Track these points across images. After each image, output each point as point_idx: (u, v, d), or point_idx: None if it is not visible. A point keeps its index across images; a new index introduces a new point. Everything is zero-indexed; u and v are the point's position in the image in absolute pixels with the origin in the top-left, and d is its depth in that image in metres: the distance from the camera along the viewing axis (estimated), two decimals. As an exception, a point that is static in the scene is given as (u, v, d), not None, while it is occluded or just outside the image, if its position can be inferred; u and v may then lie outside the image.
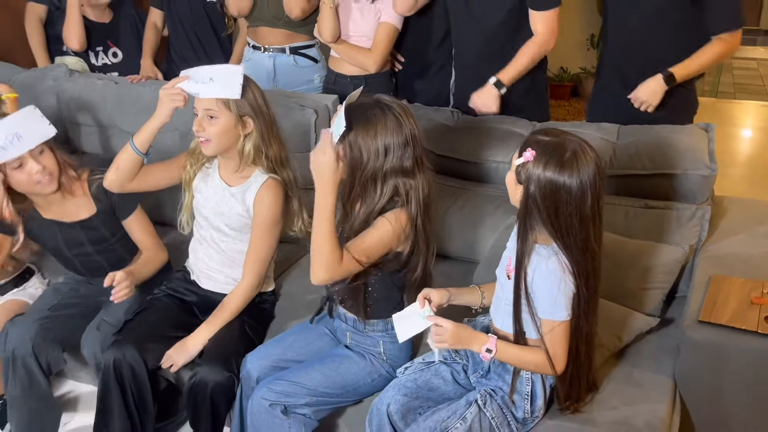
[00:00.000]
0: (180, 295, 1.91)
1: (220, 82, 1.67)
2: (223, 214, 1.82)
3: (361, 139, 1.46)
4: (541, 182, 1.32)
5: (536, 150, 1.33)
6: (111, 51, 2.88)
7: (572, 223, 1.34)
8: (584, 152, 1.33)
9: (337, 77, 2.59)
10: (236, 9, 2.64)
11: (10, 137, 1.68)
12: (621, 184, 2.00)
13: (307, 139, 2.22)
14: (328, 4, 2.39)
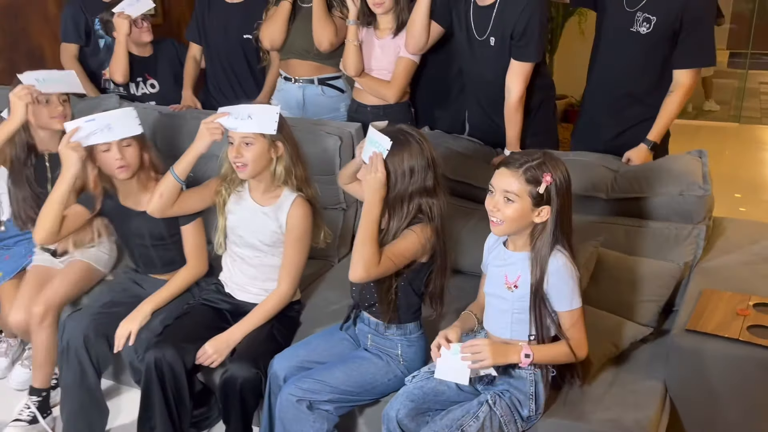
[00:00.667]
0: (214, 304, 2.09)
1: (258, 119, 1.86)
2: (257, 231, 2.01)
3: (389, 162, 1.66)
4: (563, 192, 1.56)
5: (546, 171, 1.54)
6: (149, 82, 3.12)
7: (571, 214, 1.59)
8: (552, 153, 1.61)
9: (359, 106, 2.79)
10: (269, 43, 2.86)
11: (102, 126, 1.97)
12: (622, 206, 2.16)
13: (332, 163, 2.42)
14: (352, 41, 2.61)
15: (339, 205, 2.51)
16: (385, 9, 2.58)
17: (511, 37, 2.32)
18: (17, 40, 3.56)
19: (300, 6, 2.82)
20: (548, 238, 1.56)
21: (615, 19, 2.35)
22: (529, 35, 2.29)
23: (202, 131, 1.93)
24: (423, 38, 2.51)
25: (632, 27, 2.29)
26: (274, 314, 1.99)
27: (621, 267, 1.96)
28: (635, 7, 2.28)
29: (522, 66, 2.35)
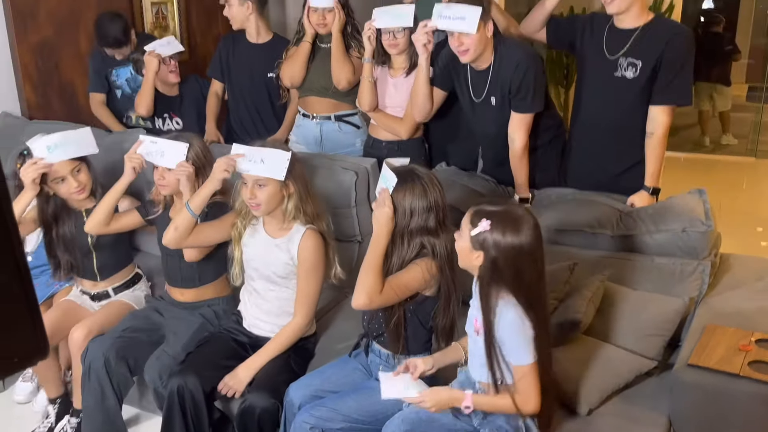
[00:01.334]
0: (234, 335, 2.17)
1: (270, 164, 1.96)
2: (271, 263, 2.09)
3: (393, 198, 1.75)
4: (503, 247, 1.52)
5: (491, 219, 1.53)
6: (174, 120, 3.26)
7: (533, 279, 1.54)
8: (527, 215, 1.57)
9: (375, 142, 2.90)
10: (290, 81, 3.00)
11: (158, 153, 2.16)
12: (628, 243, 2.22)
13: (348, 197, 2.51)
14: (367, 79, 2.73)
15: (354, 238, 2.59)
16: (399, 50, 2.70)
17: (509, 92, 2.42)
18: (50, 75, 3.73)
19: (319, 46, 2.96)
20: (489, 287, 1.56)
21: (597, 66, 2.42)
22: (525, 89, 2.39)
23: (215, 169, 2.04)
24: (427, 106, 2.62)
25: (616, 72, 2.35)
26: (289, 345, 2.07)
27: (627, 301, 2.01)
28: (617, 54, 2.35)
29: (522, 117, 2.44)
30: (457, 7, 2.29)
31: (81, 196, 2.30)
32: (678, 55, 2.26)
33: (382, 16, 2.62)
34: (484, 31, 2.34)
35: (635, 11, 2.30)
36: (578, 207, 2.39)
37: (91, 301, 2.42)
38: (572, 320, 1.89)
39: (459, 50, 2.37)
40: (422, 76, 2.55)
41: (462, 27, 2.29)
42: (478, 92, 2.53)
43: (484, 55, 2.41)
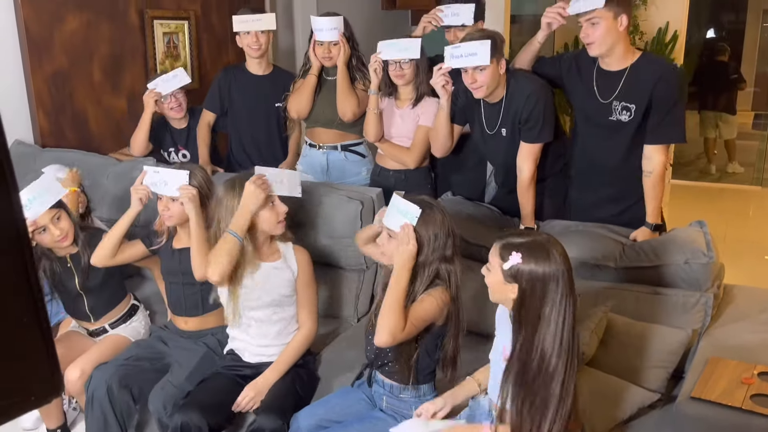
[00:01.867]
0: (235, 371, 2.17)
1: (288, 184, 2.12)
2: (277, 287, 2.12)
3: (416, 231, 1.76)
4: (535, 277, 1.53)
5: (521, 251, 1.55)
6: (181, 152, 3.32)
7: (557, 308, 1.54)
8: (553, 241, 1.59)
9: (382, 170, 2.94)
10: (296, 113, 3.06)
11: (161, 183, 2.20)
12: (631, 274, 2.23)
13: (354, 226, 2.54)
14: (373, 111, 2.78)
15: (360, 266, 2.62)
16: (405, 81, 2.75)
17: (519, 123, 2.46)
18: (64, 104, 3.81)
19: (325, 79, 3.02)
20: (528, 314, 1.56)
21: (591, 110, 2.44)
22: (534, 120, 2.43)
23: (252, 190, 2.01)
24: (447, 144, 2.68)
25: (611, 116, 2.38)
26: (302, 352, 2.15)
27: (630, 332, 2.02)
28: (610, 98, 2.37)
29: (531, 147, 2.48)
30: (467, 45, 2.35)
31: (65, 243, 2.28)
32: (668, 95, 2.27)
33: (388, 49, 2.68)
34: (497, 68, 2.40)
35: (619, 52, 2.31)
36: (582, 239, 2.40)
37: (90, 337, 2.44)
38: (575, 352, 1.90)
39: (473, 87, 2.42)
40: (443, 115, 2.60)
41: (475, 62, 2.34)
42: (491, 125, 2.57)
43: (497, 90, 2.46)
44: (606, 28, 2.25)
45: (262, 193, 2.02)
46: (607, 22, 2.24)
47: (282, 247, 2.17)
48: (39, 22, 3.64)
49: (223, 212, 2.07)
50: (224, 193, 2.09)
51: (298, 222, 2.59)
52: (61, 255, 2.34)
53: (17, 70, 3.68)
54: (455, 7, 2.78)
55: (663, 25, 5.85)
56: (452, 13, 2.78)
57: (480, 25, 2.81)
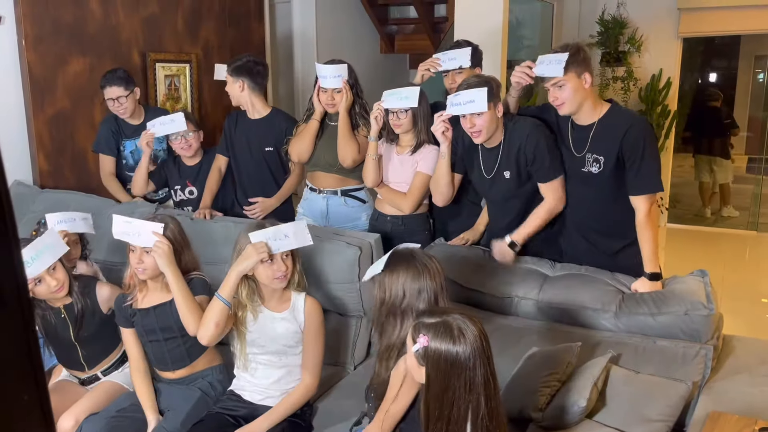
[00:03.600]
0: (230, 411, 2.15)
1: (295, 236, 2.07)
2: (281, 337, 2.11)
3: (387, 279, 1.78)
4: (438, 359, 1.47)
5: (427, 333, 1.50)
6: (188, 189, 3.34)
7: (460, 394, 1.46)
8: (468, 321, 1.50)
9: (380, 216, 2.95)
10: (297, 157, 3.07)
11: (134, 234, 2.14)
12: (632, 323, 2.22)
13: (352, 272, 2.53)
14: (371, 157, 2.81)
15: (357, 313, 2.60)
16: (403, 129, 2.79)
17: (526, 164, 2.49)
18: (64, 145, 3.83)
19: (327, 124, 3.05)
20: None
21: (568, 161, 2.50)
22: (540, 158, 2.46)
23: (249, 252, 2.00)
24: (449, 192, 2.70)
25: (584, 168, 2.44)
26: (299, 407, 2.11)
27: (631, 384, 2.00)
28: (582, 151, 2.43)
29: (549, 185, 2.50)
30: (465, 93, 2.41)
31: (61, 293, 2.22)
32: (635, 147, 2.31)
33: (390, 98, 2.73)
34: (494, 112, 2.45)
35: (588, 108, 2.37)
36: (583, 285, 2.40)
37: (81, 385, 2.40)
38: (576, 404, 1.88)
39: (471, 132, 2.46)
40: (444, 164, 2.63)
41: (473, 108, 2.39)
42: (488, 169, 2.59)
43: (495, 134, 2.50)
44: (572, 89, 2.32)
45: (255, 256, 2.00)
46: (572, 83, 2.32)
47: (294, 297, 2.15)
48: (43, 65, 3.69)
49: (235, 258, 2.09)
50: (241, 238, 2.10)
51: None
52: (55, 306, 2.29)
53: (19, 112, 3.71)
54: (452, 53, 2.85)
55: (656, 72, 5.97)
56: (449, 58, 2.85)
57: (478, 72, 2.86)
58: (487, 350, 1.50)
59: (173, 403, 2.22)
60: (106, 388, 2.34)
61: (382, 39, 6.31)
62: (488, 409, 1.49)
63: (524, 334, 2.32)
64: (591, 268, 2.54)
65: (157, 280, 2.21)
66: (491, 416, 1.49)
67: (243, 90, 3.16)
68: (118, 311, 2.25)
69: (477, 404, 1.47)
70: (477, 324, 1.52)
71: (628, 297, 2.29)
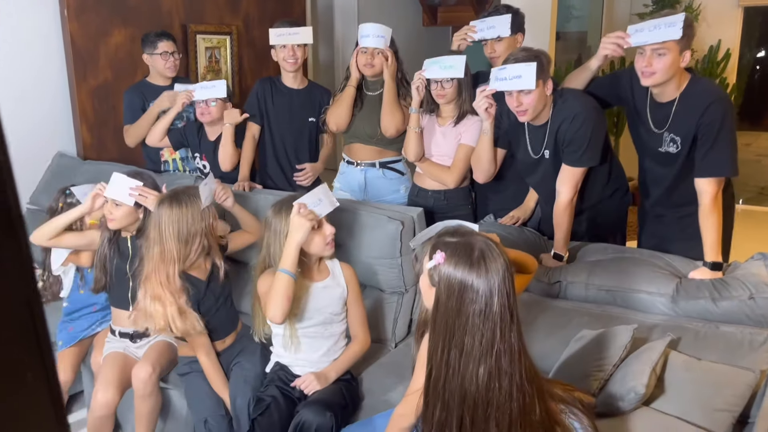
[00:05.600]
0: (286, 390, 2.05)
1: (326, 198, 2.06)
2: (327, 306, 2.08)
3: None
4: (451, 281, 1.34)
5: (445, 251, 1.36)
6: (202, 162, 3.25)
7: (475, 322, 1.32)
8: (491, 252, 1.35)
9: (420, 191, 2.85)
10: (335, 126, 2.98)
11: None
12: (690, 309, 2.08)
13: (394, 247, 2.45)
14: (413, 129, 2.69)
15: (399, 289, 2.52)
16: (447, 100, 2.67)
17: (563, 144, 2.35)
18: (106, 117, 3.84)
19: (365, 93, 2.95)
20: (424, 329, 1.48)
21: (645, 139, 2.35)
22: (578, 142, 2.30)
23: (299, 222, 1.94)
24: (491, 169, 2.58)
25: (661, 147, 2.29)
26: (357, 360, 2.16)
27: (692, 371, 1.86)
28: (662, 129, 2.27)
29: (571, 170, 2.35)
30: (512, 67, 2.24)
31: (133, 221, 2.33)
32: (711, 126, 2.14)
33: (432, 67, 2.60)
34: (543, 90, 2.29)
35: (672, 85, 2.21)
36: (636, 267, 2.27)
37: (132, 343, 2.39)
38: (633, 390, 1.76)
39: (517, 110, 2.31)
40: (486, 140, 2.50)
41: (520, 85, 2.23)
42: (536, 148, 2.46)
43: (542, 112, 2.35)
44: (672, 60, 2.14)
45: (307, 223, 1.96)
46: (673, 55, 2.14)
47: (330, 265, 2.15)
48: (85, 37, 3.67)
49: (272, 237, 2.05)
50: (272, 216, 2.06)
51: (336, 242, 2.51)
52: (122, 235, 2.37)
53: (62, 83, 3.72)
54: (490, 21, 2.66)
55: (714, 43, 5.65)
56: (488, 27, 2.67)
57: (520, 38, 2.69)
58: (509, 286, 1.33)
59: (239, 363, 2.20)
60: (162, 346, 2.36)
61: (424, 11, 6.15)
62: (506, 345, 1.32)
63: (574, 316, 2.20)
64: (645, 251, 2.41)
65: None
66: (511, 355, 1.33)
67: (306, 54, 3.10)
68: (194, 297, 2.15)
69: (492, 336, 1.32)
70: (503, 255, 1.36)
71: (686, 281, 2.14)
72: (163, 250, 2.06)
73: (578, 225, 2.49)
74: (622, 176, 2.60)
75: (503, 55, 2.59)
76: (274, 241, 2.04)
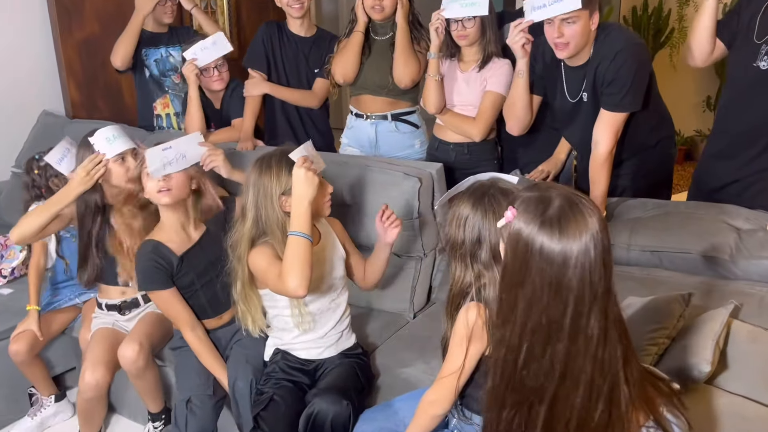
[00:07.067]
0: (291, 377, 1.82)
1: (317, 157, 1.77)
2: (332, 270, 1.85)
3: (470, 217, 1.40)
4: (518, 241, 1.08)
5: (519, 207, 1.11)
6: (212, 130, 2.90)
7: (541, 296, 1.07)
8: (577, 211, 1.06)
9: (441, 144, 2.58)
10: (342, 77, 2.69)
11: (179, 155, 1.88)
12: (752, 270, 1.83)
13: (411, 207, 2.19)
14: (434, 77, 2.41)
15: (417, 253, 2.28)
16: (469, 41, 2.37)
17: (602, 84, 2.06)
18: (96, 74, 3.57)
19: (374, 39, 2.66)
20: None
21: (741, 50, 2.07)
22: (621, 83, 2.02)
23: (305, 177, 1.65)
24: (527, 117, 2.29)
25: (755, 61, 2.01)
26: None
27: (758, 343, 1.62)
28: (763, 38, 1.99)
29: (612, 116, 2.07)
30: None
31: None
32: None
33: (452, 5, 2.30)
34: (589, 22, 1.99)
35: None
36: (683, 223, 2.01)
37: (120, 316, 2.17)
38: (696, 367, 1.52)
39: (558, 42, 2.01)
40: (521, 83, 2.20)
41: (564, 7, 1.92)
42: (573, 92, 2.17)
43: (583, 50, 2.06)
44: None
45: (315, 177, 1.67)
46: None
47: (321, 225, 1.87)
48: (68, -16, 3.38)
49: (262, 198, 1.72)
50: (259, 175, 1.72)
51: (344, 201, 2.26)
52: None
53: (46, 36, 3.44)
54: None
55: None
56: None
57: None
58: (605, 255, 1.05)
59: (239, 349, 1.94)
60: (153, 318, 2.13)
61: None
62: (602, 329, 1.06)
63: (617, 280, 1.87)
64: (690, 203, 2.15)
65: (178, 209, 1.92)
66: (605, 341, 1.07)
67: None
68: (151, 274, 1.89)
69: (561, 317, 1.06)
70: (594, 215, 1.06)
71: (747, 236, 1.87)
72: None
73: (616, 178, 2.22)
74: (669, 123, 2.32)
75: None
76: (264, 203, 1.71)
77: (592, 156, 2.13)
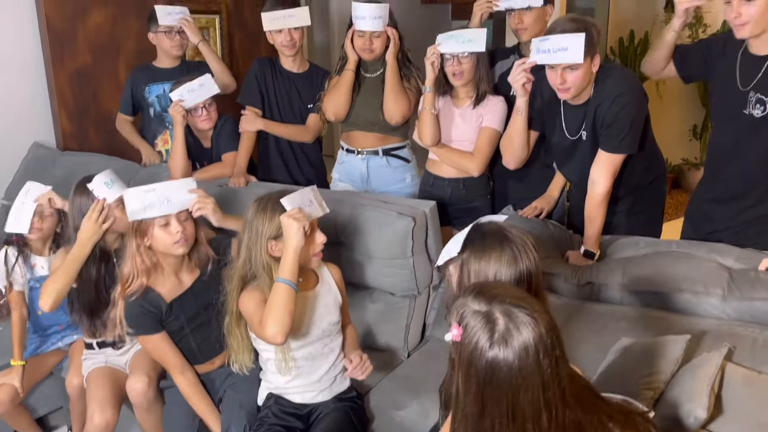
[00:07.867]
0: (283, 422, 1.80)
1: (317, 202, 1.77)
2: (326, 315, 1.83)
3: (473, 262, 1.41)
4: (471, 363, 1.05)
5: (462, 322, 1.07)
6: None
7: (502, 422, 1.04)
8: (519, 322, 1.03)
9: (436, 180, 2.59)
10: (333, 114, 2.70)
11: (162, 199, 1.83)
12: (745, 310, 1.84)
13: (405, 246, 2.19)
14: (429, 110, 2.42)
15: (410, 292, 2.27)
16: (464, 79, 2.41)
17: (601, 126, 2.09)
18: (87, 105, 3.57)
19: (364, 76, 2.68)
20: None
21: (726, 98, 2.10)
22: (620, 125, 2.05)
23: (290, 224, 1.64)
24: (523, 154, 2.32)
25: (745, 109, 2.04)
26: None
27: (753, 387, 1.62)
28: (748, 86, 2.02)
29: (610, 157, 2.10)
30: (557, 38, 1.98)
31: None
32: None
33: (448, 42, 2.33)
34: (590, 66, 2.03)
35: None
36: (675, 261, 2.02)
37: (114, 351, 2.14)
38: (691, 414, 1.52)
39: (560, 87, 2.06)
40: (520, 120, 2.24)
41: (566, 58, 1.97)
42: (572, 129, 2.20)
43: (585, 90, 2.10)
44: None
45: (301, 229, 1.65)
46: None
47: (319, 270, 1.87)
48: (62, 16, 3.40)
49: (254, 239, 1.71)
50: (254, 215, 1.72)
51: (337, 240, 2.25)
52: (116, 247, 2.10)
53: (38, 66, 3.44)
54: None
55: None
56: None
57: (549, 11, 2.43)
58: (552, 364, 1.03)
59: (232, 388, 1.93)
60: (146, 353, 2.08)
61: (424, -12, 5.85)
62: None
63: (610, 320, 1.96)
64: (682, 242, 2.16)
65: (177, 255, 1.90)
66: None
67: (304, 36, 2.81)
68: (140, 319, 1.86)
69: None
70: (539, 323, 1.04)
71: (738, 276, 1.89)
72: None
73: (612, 215, 2.25)
74: (660, 161, 2.36)
75: (531, 27, 2.35)
76: (255, 244, 1.70)
77: (589, 195, 2.16)
